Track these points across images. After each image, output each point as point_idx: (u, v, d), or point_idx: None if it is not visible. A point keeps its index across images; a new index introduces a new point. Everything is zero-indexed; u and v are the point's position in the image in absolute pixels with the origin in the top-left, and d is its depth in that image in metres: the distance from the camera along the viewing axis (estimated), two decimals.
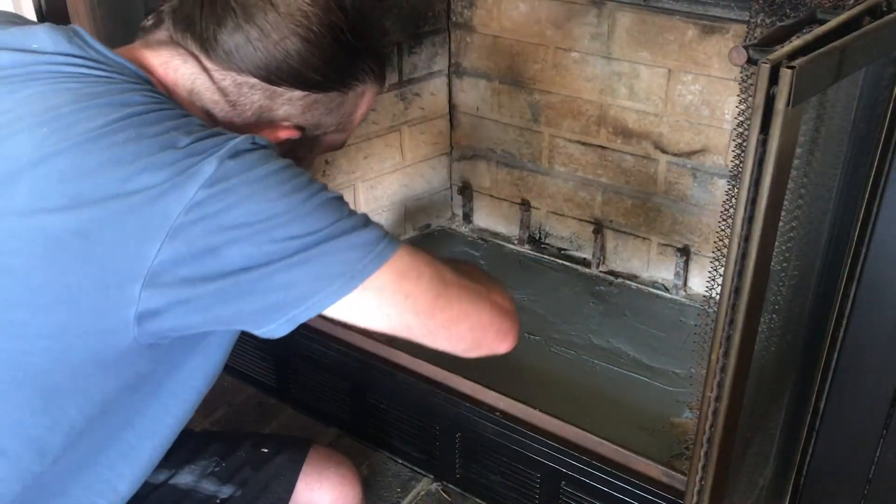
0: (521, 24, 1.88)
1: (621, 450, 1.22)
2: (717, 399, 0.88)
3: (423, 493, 1.48)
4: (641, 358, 1.75)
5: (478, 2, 1.93)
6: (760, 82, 0.68)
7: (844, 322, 1.06)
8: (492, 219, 2.20)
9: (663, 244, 1.92)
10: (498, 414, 1.32)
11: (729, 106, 1.68)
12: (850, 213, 1.01)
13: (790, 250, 0.92)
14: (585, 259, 2.04)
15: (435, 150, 2.13)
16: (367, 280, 0.73)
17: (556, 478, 1.29)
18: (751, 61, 0.70)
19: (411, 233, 2.18)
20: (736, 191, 0.79)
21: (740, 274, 0.79)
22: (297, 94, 0.86)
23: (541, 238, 2.12)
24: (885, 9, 0.81)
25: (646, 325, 1.85)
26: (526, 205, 2.10)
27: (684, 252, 1.87)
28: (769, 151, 0.71)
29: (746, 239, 0.77)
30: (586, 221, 2.01)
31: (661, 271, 1.95)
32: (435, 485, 1.49)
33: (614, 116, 1.85)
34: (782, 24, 0.80)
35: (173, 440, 0.89)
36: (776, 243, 0.82)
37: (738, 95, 0.90)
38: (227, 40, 0.82)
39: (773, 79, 0.68)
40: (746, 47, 0.71)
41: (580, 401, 1.62)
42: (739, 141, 0.82)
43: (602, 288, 1.98)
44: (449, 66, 2.05)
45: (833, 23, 0.75)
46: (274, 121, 0.87)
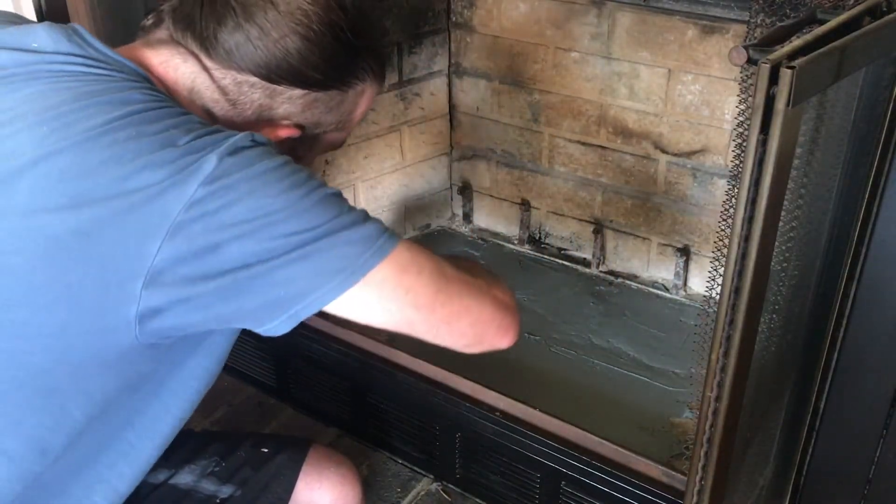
0: (521, 24, 1.88)
1: (621, 450, 1.22)
2: (717, 399, 0.88)
3: (423, 493, 1.48)
4: (641, 358, 1.75)
5: (478, 2, 1.93)
6: (760, 82, 0.68)
7: (844, 322, 1.06)
8: (492, 219, 2.20)
9: (663, 244, 1.92)
10: (498, 414, 1.32)
11: (729, 106, 1.68)
12: (850, 213, 1.01)
13: (790, 250, 0.92)
14: (585, 259, 2.04)
15: (435, 150, 2.13)
16: (367, 275, 0.73)
17: (556, 478, 1.29)
18: (751, 61, 0.70)
19: (411, 233, 2.18)
20: (736, 191, 0.79)
21: (740, 274, 0.79)
22: (297, 92, 0.86)
23: (541, 238, 2.12)
24: (885, 9, 0.81)
25: (646, 325, 1.84)
26: (526, 205, 2.09)
27: (684, 252, 1.87)
28: (769, 151, 0.71)
29: (746, 239, 0.77)
30: (586, 221, 2.01)
31: (661, 271, 1.95)
32: (435, 485, 1.49)
33: (614, 116, 1.85)
34: (782, 24, 0.80)
35: (172, 439, 0.89)
36: (776, 243, 0.82)
37: (738, 95, 0.90)
38: (227, 39, 0.82)
39: (773, 79, 0.68)
40: (746, 47, 0.71)
41: (580, 401, 1.62)
42: (739, 141, 0.82)
43: (602, 288, 1.98)
44: (449, 66, 2.04)
45: (833, 23, 0.75)
46: (274, 119, 0.87)
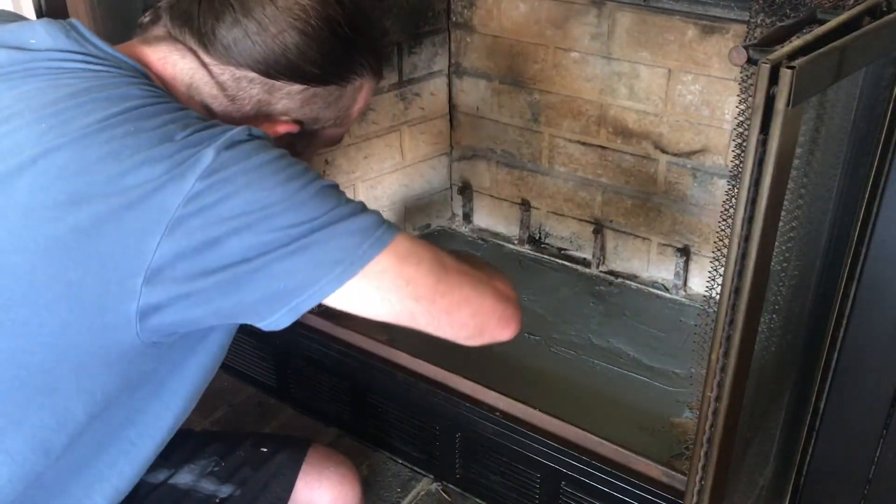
0: (521, 24, 1.88)
1: (621, 450, 1.22)
2: (717, 399, 0.88)
3: (423, 493, 1.48)
4: (641, 358, 1.75)
5: (478, 2, 1.93)
6: (760, 82, 0.68)
7: (844, 322, 1.06)
8: (492, 219, 2.19)
9: (663, 244, 1.92)
10: (498, 414, 1.32)
11: (729, 106, 1.68)
12: (850, 213, 1.01)
13: (790, 250, 0.92)
14: (585, 259, 2.04)
15: (435, 149, 2.13)
16: (367, 266, 0.73)
17: (556, 478, 1.29)
18: (751, 61, 0.70)
19: (411, 232, 2.18)
20: (736, 191, 0.79)
21: (740, 274, 0.79)
22: (295, 87, 0.86)
23: (541, 238, 2.12)
24: (884, 9, 0.81)
25: (646, 325, 1.84)
26: (526, 205, 2.09)
27: (684, 252, 1.87)
28: (769, 151, 0.71)
29: (746, 239, 0.77)
30: (586, 221, 2.01)
31: (661, 271, 1.95)
32: (435, 485, 1.49)
33: (614, 116, 1.85)
34: (782, 24, 0.80)
35: (172, 436, 0.89)
36: (776, 243, 0.82)
37: (738, 95, 0.90)
38: (225, 35, 0.82)
39: (773, 79, 0.68)
40: (746, 47, 0.71)
41: (580, 401, 1.62)
42: (739, 141, 0.82)
43: (602, 288, 1.98)
44: (449, 66, 2.04)
45: (833, 23, 0.75)
46: (272, 115, 0.88)
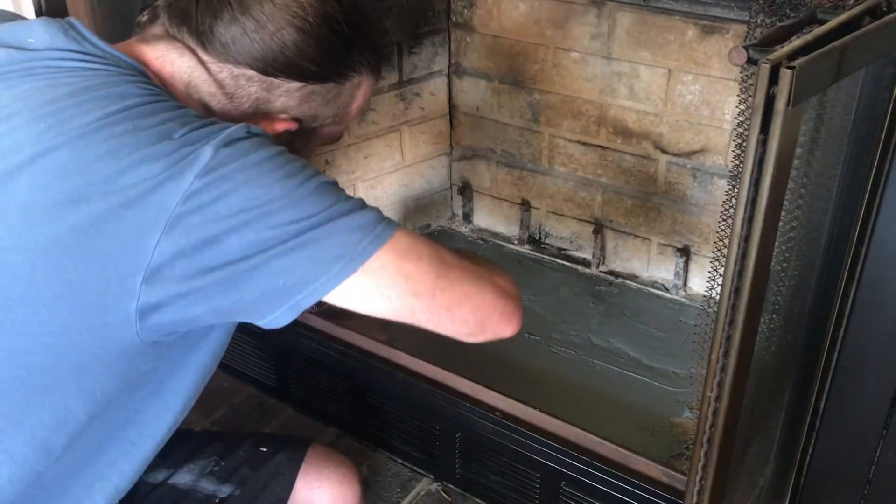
0: (520, 24, 1.88)
1: (621, 450, 1.22)
2: (717, 399, 0.88)
3: (423, 493, 1.48)
4: (641, 358, 1.75)
5: (478, 2, 1.93)
6: (760, 82, 0.68)
7: (844, 322, 1.06)
8: (492, 219, 2.19)
9: (663, 244, 1.92)
10: (498, 414, 1.32)
11: (729, 106, 1.68)
12: (850, 213, 1.01)
13: (790, 250, 0.92)
14: (585, 259, 2.04)
15: (435, 149, 2.13)
16: (367, 262, 0.73)
17: (556, 478, 1.29)
18: (751, 61, 0.70)
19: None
20: (736, 191, 0.79)
21: (740, 274, 0.79)
22: (293, 85, 0.86)
23: (541, 238, 2.12)
24: (884, 9, 0.81)
25: (646, 325, 1.84)
26: (526, 205, 2.09)
27: (684, 252, 1.87)
28: (769, 151, 0.71)
29: (746, 239, 0.77)
30: (586, 221, 2.01)
31: (661, 271, 1.95)
32: (435, 485, 1.49)
33: (614, 116, 1.85)
34: (782, 24, 0.80)
35: (171, 435, 0.89)
36: (776, 243, 0.82)
37: (738, 95, 0.90)
38: (223, 32, 0.82)
39: (773, 79, 0.68)
40: (746, 47, 0.71)
41: (580, 401, 1.62)
42: (739, 141, 0.82)
43: (602, 288, 1.98)
44: (449, 66, 2.04)
45: (833, 23, 0.75)
46: (271, 113, 0.88)
